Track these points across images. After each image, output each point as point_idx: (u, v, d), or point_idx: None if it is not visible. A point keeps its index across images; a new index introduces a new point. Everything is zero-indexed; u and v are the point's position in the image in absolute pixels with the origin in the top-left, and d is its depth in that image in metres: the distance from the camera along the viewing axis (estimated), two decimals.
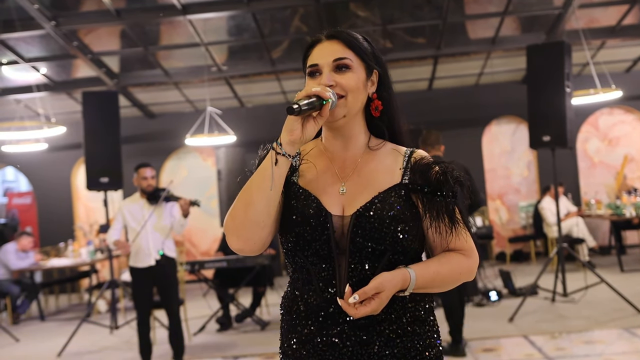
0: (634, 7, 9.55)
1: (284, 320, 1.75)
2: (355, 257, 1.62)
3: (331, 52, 1.68)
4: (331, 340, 1.63)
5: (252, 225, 1.62)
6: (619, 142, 12.48)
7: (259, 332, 7.43)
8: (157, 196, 5.89)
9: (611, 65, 11.36)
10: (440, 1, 9.04)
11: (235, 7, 8.59)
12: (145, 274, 5.79)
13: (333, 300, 1.63)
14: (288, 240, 1.67)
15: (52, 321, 9.46)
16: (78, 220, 12.61)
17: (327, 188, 1.70)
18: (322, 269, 1.65)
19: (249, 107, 12.36)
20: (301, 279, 1.70)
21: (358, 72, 1.69)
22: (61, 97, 11.32)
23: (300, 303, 1.68)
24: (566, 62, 7.20)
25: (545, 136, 7.20)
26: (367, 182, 1.69)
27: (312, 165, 1.74)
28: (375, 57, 1.74)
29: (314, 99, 1.56)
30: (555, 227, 9.25)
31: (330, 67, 1.67)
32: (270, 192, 1.60)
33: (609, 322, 6.55)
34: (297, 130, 1.57)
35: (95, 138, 7.69)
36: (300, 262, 1.68)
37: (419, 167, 1.69)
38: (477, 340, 6.23)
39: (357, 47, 1.70)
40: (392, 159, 1.74)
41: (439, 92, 12.40)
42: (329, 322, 1.63)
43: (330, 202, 1.67)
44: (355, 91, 1.67)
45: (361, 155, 1.74)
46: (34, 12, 8.07)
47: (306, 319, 1.67)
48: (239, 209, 1.63)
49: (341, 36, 1.71)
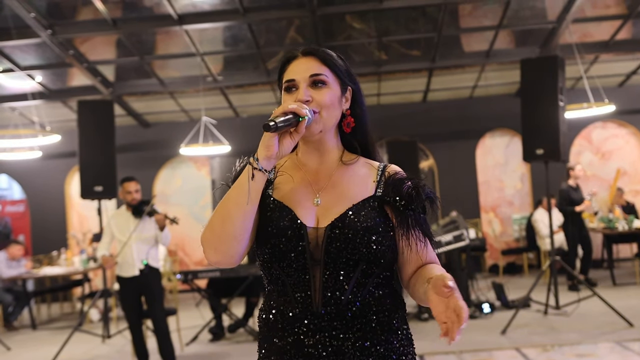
0: (627, 23, 9.63)
1: (261, 332, 1.76)
2: (329, 267, 1.64)
3: (308, 68, 1.71)
4: (307, 350, 1.64)
5: (229, 239, 1.64)
6: (612, 156, 12.54)
7: (251, 342, 7.41)
8: (141, 210, 6.04)
9: (604, 79, 11.42)
10: (435, 14, 9.10)
11: (231, 18, 8.62)
12: (131, 283, 5.98)
13: (308, 311, 1.64)
14: (264, 252, 1.69)
15: (44, 330, 9.42)
16: (71, 229, 12.58)
17: (302, 200, 1.72)
18: (297, 280, 1.66)
19: (244, 117, 12.39)
20: (276, 291, 1.71)
21: (333, 88, 1.72)
22: (56, 106, 11.32)
23: (277, 314, 1.70)
24: (560, 76, 7.23)
25: (538, 149, 7.23)
26: (341, 194, 1.71)
27: (287, 178, 1.76)
28: (349, 74, 1.78)
29: (291, 116, 1.58)
30: (548, 240, 9.28)
31: (306, 82, 1.70)
32: (246, 207, 1.62)
33: (601, 335, 6.56)
34: (273, 146, 1.59)
35: (90, 146, 7.68)
36: (275, 273, 1.70)
37: (392, 181, 1.72)
38: (469, 353, 6.23)
39: (332, 64, 1.73)
40: (365, 172, 1.77)
41: (433, 105, 12.45)
42: (304, 333, 1.65)
43: (305, 214, 1.69)
44: (330, 107, 1.70)
45: (335, 168, 1.76)
46: (30, 20, 8.08)
47: (282, 330, 1.68)
48: (216, 223, 1.65)
49: (317, 53, 1.74)
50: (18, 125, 10.99)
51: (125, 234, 5.98)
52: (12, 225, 15.20)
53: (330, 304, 1.63)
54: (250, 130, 11.72)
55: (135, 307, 5.99)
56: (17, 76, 10.03)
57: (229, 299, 7.82)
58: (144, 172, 11.62)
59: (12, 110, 11.21)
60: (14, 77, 10.08)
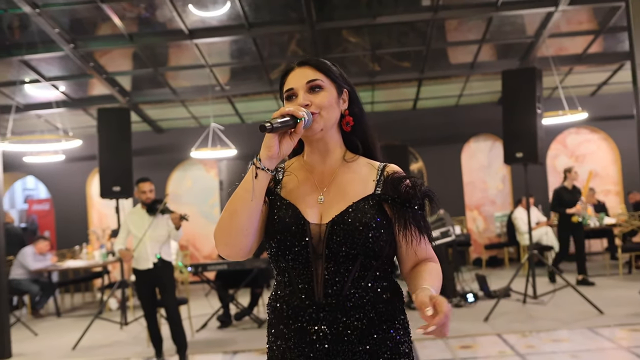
0: (598, 38, 9.63)
1: (269, 319, 1.76)
2: (331, 261, 1.63)
3: (304, 76, 1.71)
4: (310, 338, 1.64)
5: (237, 233, 1.64)
6: (585, 159, 12.54)
7: (256, 329, 7.40)
8: (154, 208, 6.01)
9: (578, 89, 11.43)
10: (424, 29, 9.10)
11: (238, 32, 8.61)
12: (145, 275, 5.96)
13: (311, 301, 1.64)
14: (271, 246, 1.69)
15: (67, 317, 9.40)
16: (92, 225, 12.56)
17: (307, 198, 1.71)
18: (301, 272, 1.66)
19: (249, 123, 12.37)
20: (283, 282, 1.71)
21: (330, 91, 1.71)
22: (78, 113, 11.30)
23: (283, 303, 1.70)
24: (537, 86, 7.23)
25: (518, 153, 7.22)
26: (343, 192, 1.71)
27: (293, 177, 1.76)
28: (343, 78, 1.78)
29: (288, 118, 1.57)
30: (527, 235, 9.28)
31: (304, 89, 1.70)
32: (251, 203, 1.61)
33: (574, 322, 6.56)
34: (274, 147, 1.58)
35: (108, 150, 7.68)
36: (282, 266, 1.70)
37: (391, 180, 1.71)
38: (455, 338, 6.23)
39: (326, 70, 1.74)
40: (366, 171, 1.75)
41: (422, 112, 12.44)
42: (307, 321, 1.64)
43: (309, 211, 1.68)
44: (329, 107, 1.69)
45: (338, 168, 1.76)
46: (54, 35, 8.08)
47: (288, 318, 1.68)
48: (225, 219, 1.65)
49: (311, 62, 1.75)
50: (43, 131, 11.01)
51: (140, 230, 5.96)
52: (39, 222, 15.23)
53: (331, 295, 1.63)
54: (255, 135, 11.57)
55: (149, 297, 5.98)
56: (42, 86, 10.02)
57: (236, 289, 7.81)
58: (157, 173, 11.60)
59: (38, 117, 11.19)
60: (40, 87, 10.08)
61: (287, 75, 1.76)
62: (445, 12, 8.49)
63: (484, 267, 11.64)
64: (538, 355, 5.45)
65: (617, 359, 5.14)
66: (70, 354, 6.78)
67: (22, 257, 9.57)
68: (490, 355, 5.60)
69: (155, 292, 6.03)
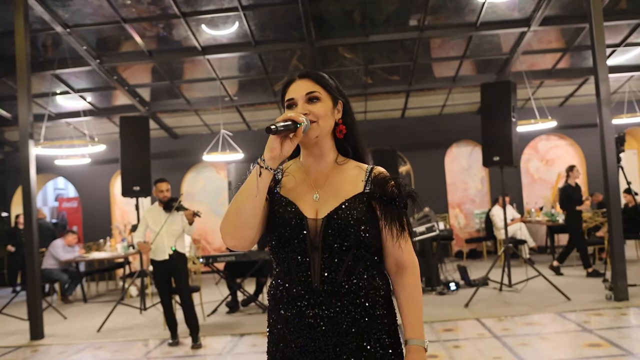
0: (565, 55, 9.65)
1: (270, 305, 1.75)
2: (326, 252, 1.63)
3: (304, 88, 1.71)
4: (307, 321, 1.64)
5: (241, 226, 1.64)
6: (554, 163, 12.54)
7: (261, 314, 7.39)
8: (170, 205, 6.01)
9: (548, 100, 11.43)
10: (412, 46, 9.11)
11: (245, 49, 8.62)
12: (162, 265, 5.94)
13: (308, 288, 1.64)
14: (272, 239, 1.69)
15: (93, 303, 9.39)
16: (114, 221, 12.54)
17: (304, 196, 1.71)
18: (299, 262, 1.66)
19: (255, 130, 12.36)
20: (283, 271, 1.71)
21: (326, 102, 1.71)
22: (103, 121, 11.30)
23: (283, 290, 1.69)
24: (512, 97, 7.24)
25: (495, 157, 7.22)
26: (336, 191, 1.71)
27: (291, 178, 1.76)
28: (339, 90, 1.77)
29: (290, 123, 1.57)
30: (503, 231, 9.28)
31: (303, 99, 1.70)
32: (255, 199, 1.61)
33: (544, 307, 6.56)
34: (276, 148, 1.58)
35: (129, 154, 7.67)
36: (282, 257, 1.70)
37: (378, 180, 1.71)
38: (439, 322, 6.23)
39: (324, 83, 1.74)
40: (356, 172, 1.76)
41: (410, 120, 12.43)
42: (305, 306, 1.64)
43: (306, 208, 1.69)
44: (324, 117, 1.69)
45: (331, 169, 1.76)
46: (82, 52, 8.09)
47: (287, 303, 1.67)
48: (231, 213, 1.65)
49: (311, 75, 1.75)
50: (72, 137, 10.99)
51: (157, 225, 5.96)
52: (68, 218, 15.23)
53: (326, 283, 1.63)
54: (260, 141, 11.70)
55: (166, 285, 5.96)
56: (71, 97, 10.03)
57: (243, 278, 7.80)
58: (173, 175, 11.60)
59: (68, 125, 11.18)
60: (69, 98, 10.08)
61: (289, 86, 1.75)
62: (431, 31, 8.50)
63: (465, 259, 11.63)
64: (512, 337, 5.45)
65: (582, 340, 5.14)
66: (96, 335, 6.77)
67: (53, 249, 9.59)
68: (470, 337, 5.61)
69: (171, 280, 6.02)
